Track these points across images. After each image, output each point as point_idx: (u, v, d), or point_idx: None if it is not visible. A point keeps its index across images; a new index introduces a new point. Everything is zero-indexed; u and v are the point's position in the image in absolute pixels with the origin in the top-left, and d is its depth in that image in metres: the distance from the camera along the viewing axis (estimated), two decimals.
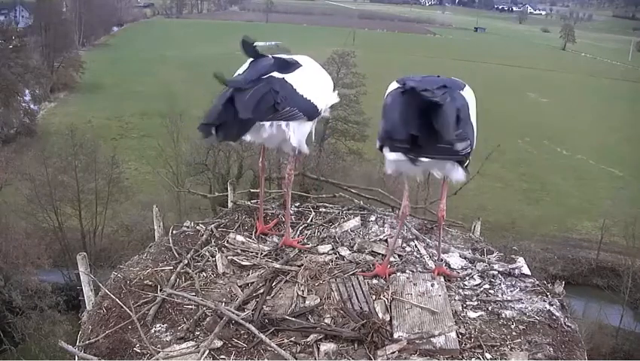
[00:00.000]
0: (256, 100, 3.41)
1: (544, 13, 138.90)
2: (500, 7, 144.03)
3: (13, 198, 23.88)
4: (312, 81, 3.78)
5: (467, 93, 3.58)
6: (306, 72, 3.79)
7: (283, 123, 3.64)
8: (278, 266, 3.88)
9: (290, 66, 3.73)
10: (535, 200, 32.69)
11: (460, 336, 3.30)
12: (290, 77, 3.65)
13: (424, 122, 3.12)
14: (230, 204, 4.99)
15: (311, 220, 4.66)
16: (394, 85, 3.60)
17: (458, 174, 3.50)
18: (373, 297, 3.57)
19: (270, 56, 3.83)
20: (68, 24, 53.46)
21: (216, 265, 3.96)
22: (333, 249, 4.19)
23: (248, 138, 3.69)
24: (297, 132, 3.75)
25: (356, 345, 3.19)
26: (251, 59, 3.82)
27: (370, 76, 35.01)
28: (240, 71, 3.79)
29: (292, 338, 3.24)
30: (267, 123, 3.58)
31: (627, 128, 42.26)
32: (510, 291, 3.79)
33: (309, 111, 3.74)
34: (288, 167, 4.19)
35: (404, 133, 3.17)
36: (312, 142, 4.14)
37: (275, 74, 3.61)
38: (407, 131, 3.16)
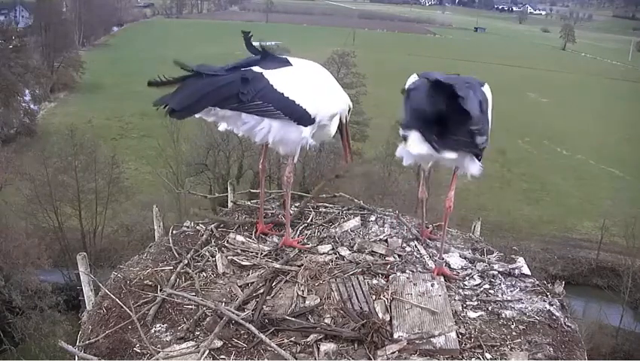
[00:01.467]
0: (214, 87, 3.43)
1: (543, 13, 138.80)
2: (500, 7, 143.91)
3: (13, 198, 23.85)
4: (301, 84, 3.70)
5: (487, 90, 3.70)
6: (295, 73, 3.71)
7: (255, 117, 3.61)
8: (278, 266, 3.88)
9: (276, 64, 3.67)
10: (535, 200, 32.66)
11: (460, 336, 3.30)
12: (269, 74, 3.59)
13: (450, 116, 3.26)
14: (230, 204, 5.00)
15: (311, 220, 4.66)
16: (414, 77, 3.71)
17: (475, 167, 3.57)
18: (373, 297, 3.57)
19: (265, 53, 3.80)
20: (68, 24, 53.34)
21: (216, 265, 3.96)
22: (333, 249, 4.19)
23: (223, 126, 3.73)
24: (281, 132, 3.70)
25: (356, 345, 3.19)
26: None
27: (370, 76, 35.01)
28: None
29: (292, 338, 3.24)
30: (230, 112, 3.57)
31: (627, 128, 42.20)
32: (510, 291, 3.79)
33: (294, 113, 3.66)
34: (287, 169, 4.19)
35: (432, 126, 3.28)
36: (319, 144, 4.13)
37: (255, 68, 3.59)
38: (434, 124, 3.27)
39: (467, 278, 3.91)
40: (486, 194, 31.65)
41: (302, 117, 3.71)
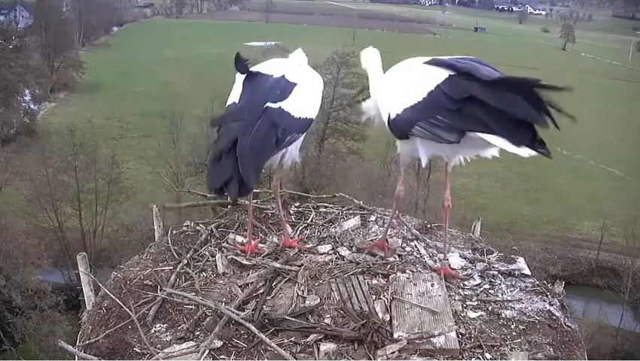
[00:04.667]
0: (257, 144, 3.34)
1: (544, 13, 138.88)
2: (500, 7, 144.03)
3: (13, 198, 23.86)
4: (306, 97, 3.73)
5: None
6: (301, 90, 3.70)
7: (282, 150, 3.66)
8: (278, 266, 3.88)
9: (284, 90, 3.63)
10: (535, 200, 32.67)
11: (460, 336, 3.30)
12: (286, 104, 3.57)
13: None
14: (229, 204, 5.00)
15: (311, 220, 4.67)
16: (435, 70, 3.36)
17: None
18: (373, 297, 3.57)
19: (264, 75, 3.74)
20: (68, 24, 53.34)
21: (216, 265, 3.96)
22: (333, 249, 4.19)
23: None
24: (295, 149, 3.81)
25: (356, 345, 3.19)
26: (244, 77, 3.74)
27: None
28: (234, 94, 3.73)
29: (292, 338, 3.24)
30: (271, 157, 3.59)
31: (627, 128, 42.23)
32: (510, 291, 3.79)
33: (306, 127, 3.74)
34: (275, 176, 4.29)
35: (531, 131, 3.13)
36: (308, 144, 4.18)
37: (270, 104, 3.53)
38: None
39: (467, 278, 3.91)
40: (486, 194, 31.67)
41: (308, 127, 3.79)
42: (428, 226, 4.68)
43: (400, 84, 3.56)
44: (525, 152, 3.14)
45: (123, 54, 59.42)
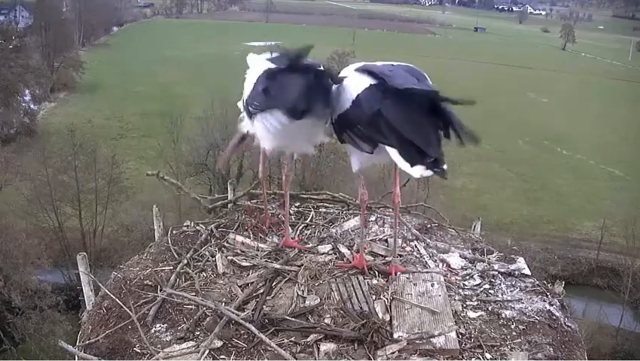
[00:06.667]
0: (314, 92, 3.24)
1: (544, 13, 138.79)
2: (500, 7, 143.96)
3: (13, 198, 23.84)
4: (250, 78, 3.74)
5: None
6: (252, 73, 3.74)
7: (320, 122, 3.53)
8: (278, 266, 3.88)
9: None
10: (535, 200, 32.65)
11: (460, 336, 3.30)
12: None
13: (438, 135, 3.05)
14: (229, 204, 5.00)
15: (311, 220, 4.67)
16: (363, 78, 3.26)
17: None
18: (373, 297, 3.57)
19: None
20: (68, 24, 53.29)
21: (216, 265, 3.97)
22: (333, 249, 4.19)
23: (280, 141, 3.64)
24: (259, 128, 3.63)
25: (356, 345, 3.19)
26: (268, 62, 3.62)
27: None
28: (256, 70, 3.62)
29: (292, 338, 3.24)
30: (311, 121, 3.40)
31: (627, 128, 42.21)
32: (510, 291, 3.79)
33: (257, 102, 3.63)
34: (285, 168, 4.21)
35: (437, 152, 3.01)
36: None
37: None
38: (438, 151, 3.01)
39: (467, 278, 3.91)
40: (486, 194, 31.62)
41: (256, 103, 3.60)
42: (428, 226, 4.68)
43: (339, 93, 3.41)
44: (417, 171, 3.02)
45: (123, 54, 59.37)
